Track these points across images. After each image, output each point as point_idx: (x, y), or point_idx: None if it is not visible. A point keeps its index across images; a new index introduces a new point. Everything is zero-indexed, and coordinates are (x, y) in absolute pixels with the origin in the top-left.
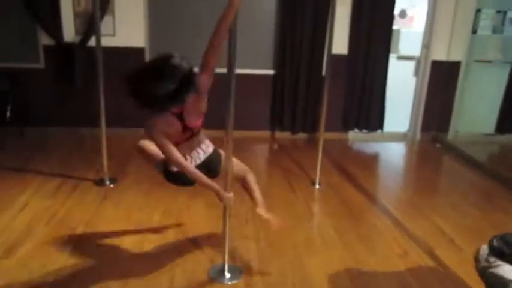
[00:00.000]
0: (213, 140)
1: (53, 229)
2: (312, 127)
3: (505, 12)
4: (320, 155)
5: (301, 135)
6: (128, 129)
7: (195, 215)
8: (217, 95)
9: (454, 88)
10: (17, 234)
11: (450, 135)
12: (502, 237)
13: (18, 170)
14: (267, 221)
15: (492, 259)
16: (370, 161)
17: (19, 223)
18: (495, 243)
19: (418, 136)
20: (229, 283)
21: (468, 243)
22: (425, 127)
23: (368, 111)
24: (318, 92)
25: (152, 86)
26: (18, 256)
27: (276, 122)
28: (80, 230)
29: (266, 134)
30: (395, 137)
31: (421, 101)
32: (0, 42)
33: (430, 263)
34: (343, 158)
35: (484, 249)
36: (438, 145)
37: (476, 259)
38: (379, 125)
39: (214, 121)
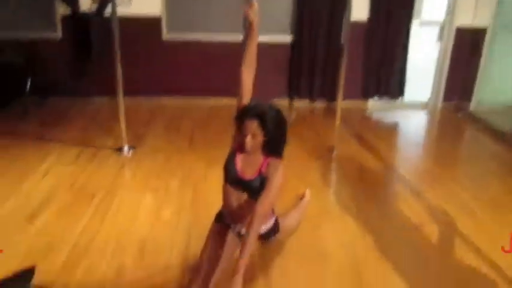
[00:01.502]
0: (229, 111)
1: (73, 195)
2: (330, 95)
3: None
4: (338, 123)
5: (320, 104)
6: (144, 97)
7: (212, 184)
8: (231, 64)
9: (479, 56)
10: (39, 200)
11: (473, 105)
12: None
13: (40, 138)
14: None
15: None
16: (389, 130)
17: (41, 189)
18: None
19: (440, 105)
20: None
21: (488, 214)
22: (448, 96)
23: (388, 79)
24: (337, 59)
25: None
26: (41, 221)
27: (294, 90)
28: (99, 196)
29: (283, 102)
30: (416, 106)
31: (443, 68)
32: (16, 13)
33: (449, 234)
34: (361, 127)
35: None
36: (460, 115)
37: None
38: (400, 93)
39: (229, 90)
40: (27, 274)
